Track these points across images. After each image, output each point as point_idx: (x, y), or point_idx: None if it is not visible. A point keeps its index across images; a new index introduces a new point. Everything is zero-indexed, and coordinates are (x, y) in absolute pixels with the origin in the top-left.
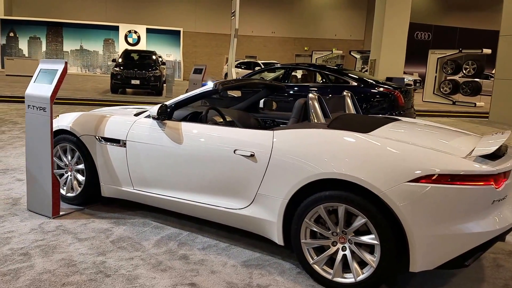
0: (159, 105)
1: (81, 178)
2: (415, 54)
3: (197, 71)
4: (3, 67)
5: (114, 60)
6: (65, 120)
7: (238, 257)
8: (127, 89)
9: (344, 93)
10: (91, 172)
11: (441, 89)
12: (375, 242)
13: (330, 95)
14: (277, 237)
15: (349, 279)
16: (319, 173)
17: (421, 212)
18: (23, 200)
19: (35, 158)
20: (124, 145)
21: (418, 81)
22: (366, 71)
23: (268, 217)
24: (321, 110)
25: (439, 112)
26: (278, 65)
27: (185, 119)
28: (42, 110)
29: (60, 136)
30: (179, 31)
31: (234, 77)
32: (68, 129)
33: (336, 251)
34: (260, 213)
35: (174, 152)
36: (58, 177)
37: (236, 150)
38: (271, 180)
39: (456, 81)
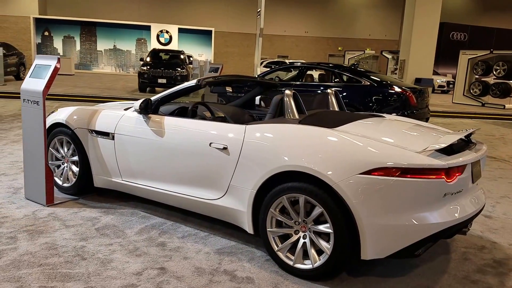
0: (142, 100)
1: (75, 169)
2: (451, 55)
3: (213, 69)
4: None
5: (142, 59)
6: (62, 114)
7: (213, 245)
8: (155, 88)
9: (328, 90)
10: (84, 163)
11: (471, 91)
12: (330, 230)
13: (316, 94)
14: (248, 226)
15: (307, 265)
16: (281, 166)
17: (371, 203)
18: (24, 190)
19: (30, 149)
20: (113, 137)
21: (451, 82)
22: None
23: (240, 207)
24: (296, 107)
25: (464, 113)
26: (299, 64)
27: (173, 113)
28: (36, 104)
29: (57, 129)
30: (211, 31)
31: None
32: (64, 122)
33: (298, 239)
34: (232, 204)
35: (156, 144)
36: (55, 168)
37: (211, 143)
38: (241, 172)
39: (486, 83)
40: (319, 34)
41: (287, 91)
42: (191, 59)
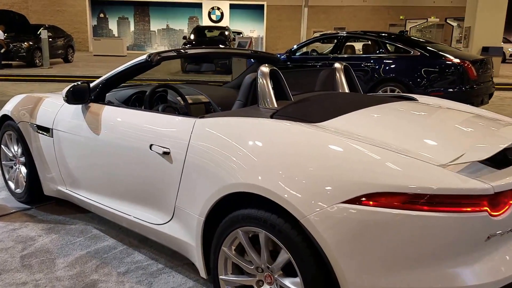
0: (70, 85)
1: (25, 171)
2: None
3: (241, 44)
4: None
5: (184, 38)
6: (11, 103)
7: (162, 287)
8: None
9: (336, 65)
10: (32, 165)
11: None
12: None
13: (319, 70)
14: (199, 266)
15: None
16: (233, 184)
17: (361, 250)
18: None
19: None
20: (52, 134)
21: None
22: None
23: (188, 239)
24: (278, 90)
25: None
26: (344, 34)
27: (129, 101)
28: None
29: (6, 122)
30: (263, 5)
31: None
32: (9, 114)
33: None
34: (180, 233)
35: (93, 144)
36: (9, 169)
37: (152, 145)
38: (186, 189)
39: None
40: (379, 3)
41: (263, 68)
42: (241, 35)
